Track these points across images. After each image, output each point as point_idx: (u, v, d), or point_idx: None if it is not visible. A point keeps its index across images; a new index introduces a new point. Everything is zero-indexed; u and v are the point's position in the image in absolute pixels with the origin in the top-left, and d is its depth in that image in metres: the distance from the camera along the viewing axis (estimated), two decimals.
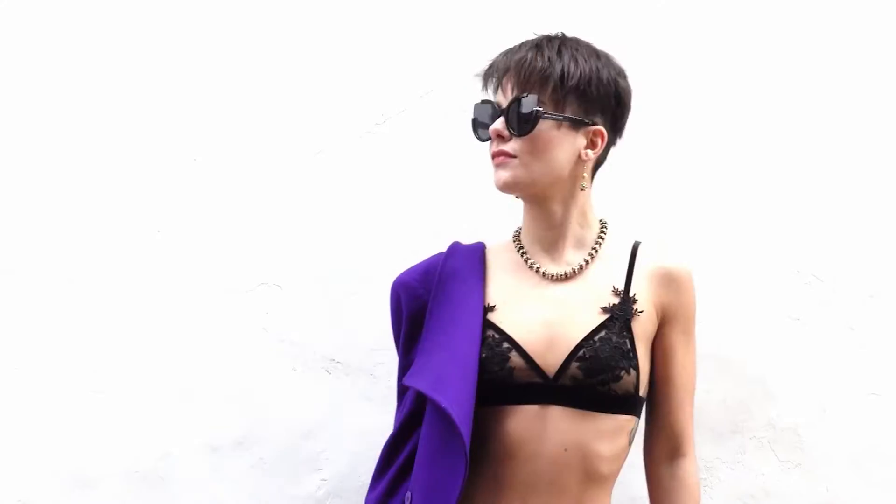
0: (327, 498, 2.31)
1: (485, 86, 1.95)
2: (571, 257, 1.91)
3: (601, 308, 1.86)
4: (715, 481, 2.34)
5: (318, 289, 2.37)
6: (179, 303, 2.38)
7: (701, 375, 2.23)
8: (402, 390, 2.02)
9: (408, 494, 1.87)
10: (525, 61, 1.86)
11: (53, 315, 2.35)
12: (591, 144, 1.88)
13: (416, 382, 1.87)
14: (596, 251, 1.91)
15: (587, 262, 1.90)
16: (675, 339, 1.93)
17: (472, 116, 1.94)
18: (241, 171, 2.41)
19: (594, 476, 1.83)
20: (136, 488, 2.32)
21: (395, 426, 2.01)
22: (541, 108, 1.84)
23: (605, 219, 1.97)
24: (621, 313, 1.86)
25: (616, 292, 1.88)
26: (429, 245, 2.27)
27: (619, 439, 1.85)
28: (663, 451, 1.98)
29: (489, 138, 1.90)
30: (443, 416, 1.79)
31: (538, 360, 1.83)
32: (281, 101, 2.44)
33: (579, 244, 1.92)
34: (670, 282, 1.93)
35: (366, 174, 2.42)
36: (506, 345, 1.83)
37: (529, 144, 1.85)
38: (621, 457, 1.89)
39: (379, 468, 1.99)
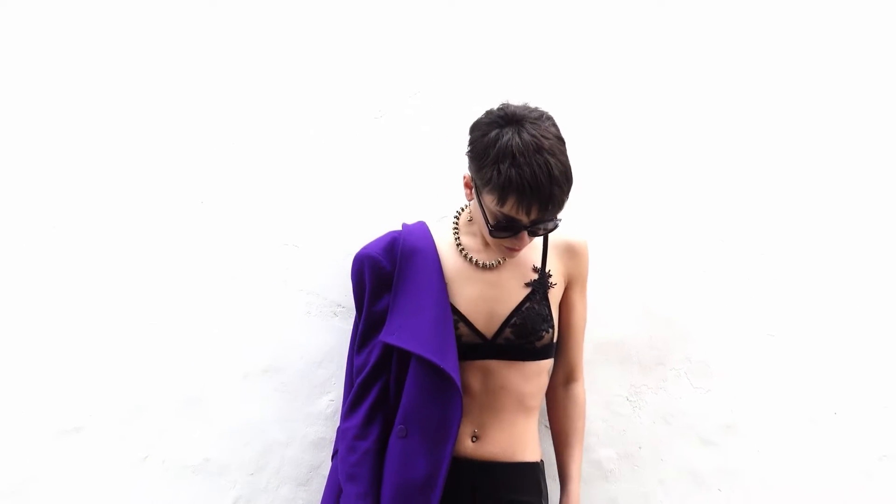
0: (334, 414, 2.52)
1: (509, 201, 2.02)
2: None
3: (525, 284, 2.24)
4: (642, 403, 2.60)
5: (328, 248, 2.56)
6: (218, 259, 2.56)
7: (631, 319, 2.58)
8: (365, 338, 2.26)
9: (401, 427, 2.19)
10: (553, 198, 2.02)
11: (117, 268, 2.54)
12: None
13: (415, 347, 2.15)
14: None
15: None
16: (576, 297, 2.32)
17: (496, 221, 2.07)
18: (268, 154, 2.59)
19: (523, 406, 2.25)
20: (180, 408, 2.53)
21: (365, 368, 2.25)
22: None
23: None
24: (540, 286, 2.24)
25: (535, 269, 2.25)
26: (415, 215, 2.47)
27: (541, 378, 2.27)
28: (561, 378, 2.38)
29: (505, 237, 2.09)
30: (437, 372, 2.14)
31: (479, 328, 2.22)
32: (301, 102, 2.60)
33: None
34: (572, 253, 2.30)
35: (366, 158, 2.60)
36: (455, 317, 2.20)
37: None
38: (542, 391, 2.29)
39: (352, 402, 2.26)
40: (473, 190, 2.14)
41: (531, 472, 2.29)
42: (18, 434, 2.51)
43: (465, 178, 2.17)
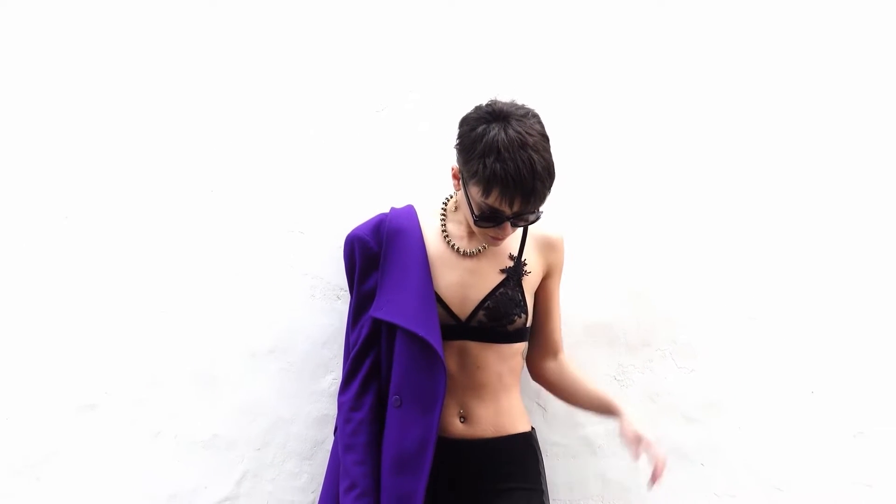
0: (337, 392, 2.41)
1: (493, 193, 2.12)
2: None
3: (500, 270, 2.33)
4: (630, 382, 2.68)
5: (332, 235, 2.61)
6: (227, 245, 2.62)
7: (619, 302, 2.67)
8: (357, 315, 2.34)
9: (395, 398, 2.28)
10: (535, 192, 2.12)
11: (131, 254, 2.62)
12: None
13: (401, 321, 2.24)
14: None
15: None
16: (553, 286, 2.41)
17: (481, 211, 2.16)
18: (275, 146, 2.65)
19: (502, 384, 2.34)
20: (191, 387, 2.61)
21: (356, 344, 2.33)
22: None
23: None
24: (515, 273, 2.33)
25: (511, 257, 2.34)
26: (409, 201, 2.47)
27: (516, 359, 2.37)
28: (549, 355, 2.46)
29: (489, 226, 2.18)
30: (422, 343, 2.24)
31: (454, 310, 2.31)
32: (306, 97, 2.66)
33: None
34: (550, 246, 2.38)
35: (368, 150, 2.67)
36: None
37: None
38: (518, 369, 2.39)
39: (346, 376, 2.35)
40: (460, 181, 2.23)
41: (525, 442, 2.40)
42: (39, 411, 2.60)
43: (453, 169, 2.26)
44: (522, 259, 2.36)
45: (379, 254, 2.32)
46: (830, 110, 2.76)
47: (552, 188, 2.16)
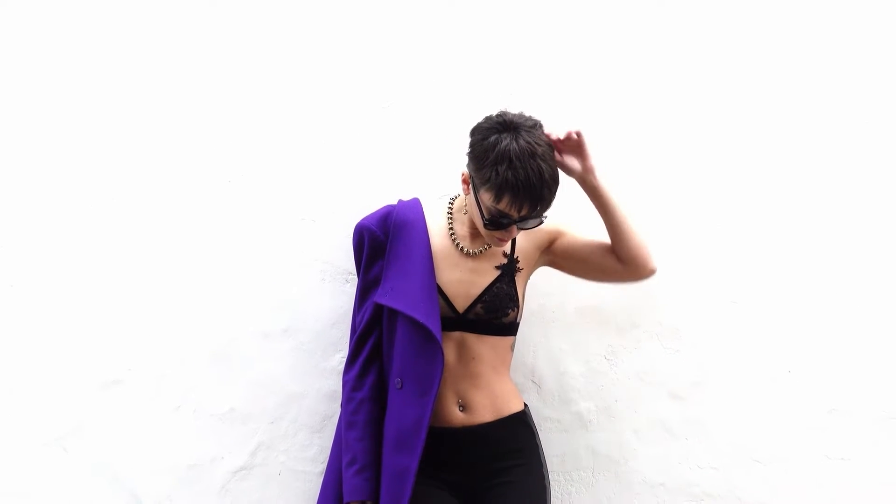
0: None
1: (504, 199, 2.18)
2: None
3: (495, 267, 2.42)
4: (618, 362, 2.75)
5: (341, 223, 2.68)
6: (243, 232, 2.70)
7: (610, 288, 2.67)
8: (362, 299, 2.43)
9: (397, 380, 2.38)
10: (543, 198, 2.20)
11: (153, 241, 2.70)
12: None
13: (404, 307, 2.31)
14: None
15: None
16: (568, 240, 2.45)
17: (490, 215, 2.22)
18: (288, 139, 2.72)
19: (496, 372, 2.44)
20: (209, 364, 2.69)
21: (359, 326, 2.41)
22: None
23: None
24: (508, 269, 2.42)
25: (505, 255, 2.43)
26: (417, 193, 2.55)
27: (507, 351, 2.47)
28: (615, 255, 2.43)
29: (496, 229, 2.25)
30: (422, 329, 2.32)
31: (454, 303, 2.39)
32: (317, 93, 2.73)
33: None
34: (536, 233, 2.43)
35: (375, 142, 2.74)
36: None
37: None
38: (509, 360, 2.48)
39: (350, 356, 2.44)
40: (471, 186, 2.31)
41: (521, 421, 2.50)
42: (67, 386, 2.69)
43: (463, 175, 2.33)
44: (515, 256, 2.46)
45: (385, 243, 2.41)
46: (807, 105, 2.80)
47: (557, 194, 2.24)
